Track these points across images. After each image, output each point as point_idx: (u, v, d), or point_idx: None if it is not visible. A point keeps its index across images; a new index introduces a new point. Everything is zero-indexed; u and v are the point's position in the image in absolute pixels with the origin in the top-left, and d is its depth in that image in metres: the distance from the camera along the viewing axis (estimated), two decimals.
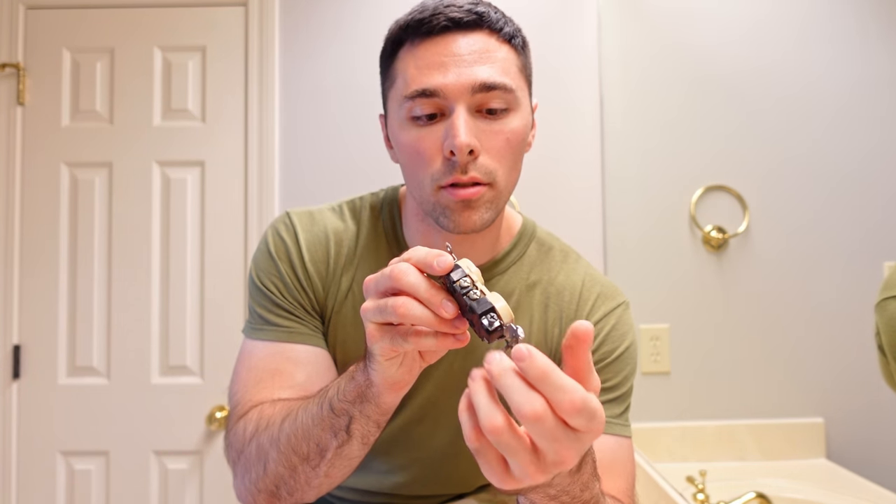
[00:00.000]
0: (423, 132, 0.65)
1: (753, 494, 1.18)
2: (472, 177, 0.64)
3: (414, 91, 0.65)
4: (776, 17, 1.25)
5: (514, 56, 0.68)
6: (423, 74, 0.64)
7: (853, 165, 1.06)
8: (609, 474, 0.71)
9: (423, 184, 0.67)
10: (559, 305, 0.77)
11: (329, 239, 0.77)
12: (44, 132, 1.76)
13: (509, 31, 0.68)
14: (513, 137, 0.66)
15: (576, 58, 1.76)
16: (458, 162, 0.63)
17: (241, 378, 0.74)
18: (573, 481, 0.48)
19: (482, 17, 0.66)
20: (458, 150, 0.62)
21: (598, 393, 0.42)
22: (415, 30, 0.66)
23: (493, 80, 0.64)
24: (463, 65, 0.64)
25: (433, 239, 0.74)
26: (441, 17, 0.65)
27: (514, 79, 0.67)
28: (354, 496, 0.86)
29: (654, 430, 1.46)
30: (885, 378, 0.89)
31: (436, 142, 0.65)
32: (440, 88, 0.64)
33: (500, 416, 0.39)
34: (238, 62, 1.78)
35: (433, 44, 0.65)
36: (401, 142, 0.68)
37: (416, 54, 0.66)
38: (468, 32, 0.66)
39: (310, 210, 0.80)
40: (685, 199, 1.44)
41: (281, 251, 0.76)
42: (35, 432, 1.73)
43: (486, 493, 0.91)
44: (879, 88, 1.00)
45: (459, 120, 0.63)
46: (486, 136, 0.65)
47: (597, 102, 1.75)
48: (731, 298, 1.35)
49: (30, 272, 1.75)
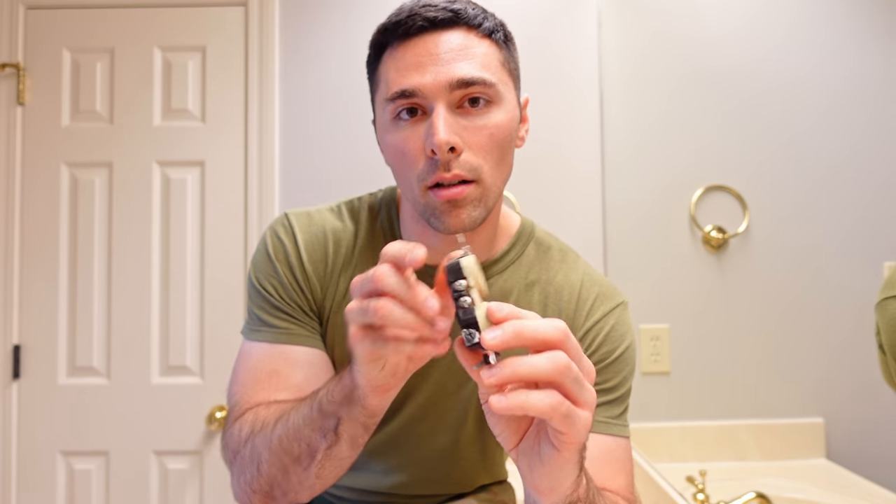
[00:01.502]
0: (407, 133, 0.66)
1: (753, 494, 1.18)
2: (455, 174, 0.64)
3: (394, 93, 0.65)
4: (778, 15, 1.25)
5: (496, 50, 0.68)
6: (402, 76, 0.65)
7: (853, 165, 1.06)
8: (609, 472, 0.71)
9: (411, 184, 0.67)
10: (558, 305, 0.77)
11: (327, 239, 0.77)
12: (44, 132, 1.76)
13: (489, 25, 0.68)
14: (496, 132, 0.66)
15: (576, 56, 1.76)
16: (440, 160, 0.63)
17: (239, 379, 0.74)
18: (577, 486, 0.50)
19: (458, 15, 0.66)
20: (438, 147, 0.62)
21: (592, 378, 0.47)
22: (393, 32, 0.67)
23: (472, 75, 0.64)
24: (440, 63, 0.64)
25: (429, 239, 0.74)
26: (417, 18, 0.66)
27: (495, 73, 0.67)
28: (354, 496, 0.86)
29: (654, 430, 1.46)
30: (886, 377, 0.89)
31: (419, 142, 0.65)
32: (418, 88, 0.64)
33: (545, 359, 0.43)
34: (238, 62, 1.78)
35: (412, 45, 0.66)
36: (387, 144, 0.69)
37: (395, 56, 0.67)
38: (445, 31, 0.66)
39: (308, 211, 0.80)
40: (685, 199, 1.43)
41: (279, 253, 0.76)
42: (35, 432, 1.73)
43: (485, 493, 0.91)
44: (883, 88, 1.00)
45: (438, 118, 0.63)
46: (469, 131, 0.65)
47: (597, 101, 1.75)
48: (731, 298, 1.35)
49: (30, 272, 1.75)
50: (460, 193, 0.64)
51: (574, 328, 0.76)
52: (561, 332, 0.44)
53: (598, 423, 0.73)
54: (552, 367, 0.43)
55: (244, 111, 1.77)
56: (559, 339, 0.44)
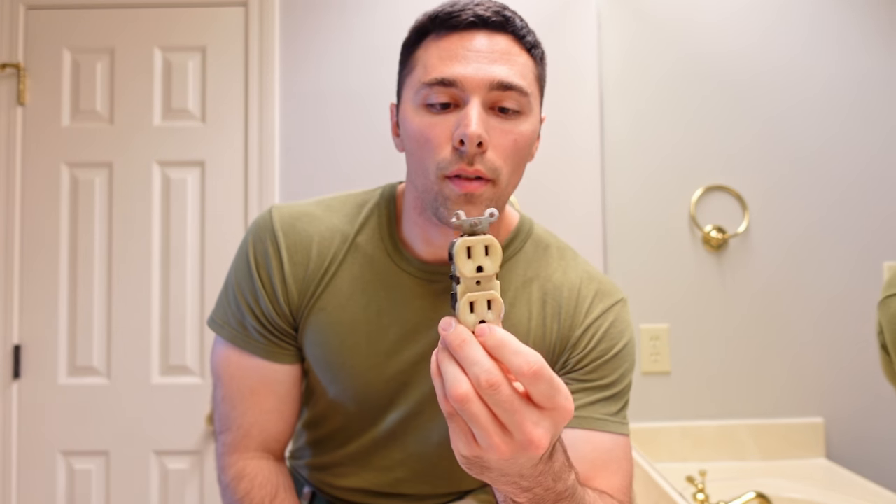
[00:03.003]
0: (436, 119, 0.66)
1: (753, 494, 1.18)
2: (476, 170, 0.65)
3: (433, 79, 0.66)
4: (778, 17, 1.25)
5: (533, 65, 0.70)
6: (445, 64, 0.66)
7: (853, 165, 1.06)
8: (605, 472, 0.71)
9: (427, 171, 0.67)
10: (557, 302, 0.77)
11: (312, 240, 0.77)
12: (44, 132, 1.76)
13: (531, 40, 0.70)
14: (520, 140, 0.67)
15: (576, 56, 1.76)
16: (466, 152, 0.64)
17: (224, 387, 0.81)
18: (545, 471, 0.48)
19: (508, 21, 0.68)
20: (469, 139, 0.63)
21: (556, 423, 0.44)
22: (443, 21, 0.68)
23: (511, 80, 0.66)
24: (483, 61, 0.66)
25: (430, 233, 0.74)
26: (469, 13, 0.67)
27: (530, 85, 0.69)
28: (354, 496, 0.86)
29: (654, 430, 1.46)
30: (887, 376, 0.89)
31: (446, 130, 0.66)
32: (459, 79, 0.65)
33: (465, 385, 0.41)
34: (238, 62, 1.78)
35: (458, 37, 0.67)
36: (411, 127, 0.69)
37: (439, 45, 0.68)
38: (493, 33, 0.68)
39: (293, 209, 0.80)
40: (685, 199, 1.44)
41: (261, 266, 0.77)
42: (35, 432, 1.73)
43: (485, 493, 0.91)
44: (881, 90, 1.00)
45: (473, 111, 0.64)
46: (496, 133, 0.66)
47: (596, 101, 1.75)
48: (731, 298, 1.35)
49: (30, 272, 1.75)
50: (478, 189, 0.65)
51: (573, 326, 0.76)
52: (533, 369, 0.41)
53: (595, 420, 0.73)
54: (484, 379, 0.40)
55: (244, 111, 1.77)
56: (528, 374, 0.41)
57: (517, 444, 0.42)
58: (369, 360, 0.77)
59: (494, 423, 0.42)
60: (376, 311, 0.76)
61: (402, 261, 0.77)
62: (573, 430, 0.72)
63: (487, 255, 0.44)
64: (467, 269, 0.44)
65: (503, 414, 0.41)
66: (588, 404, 0.73)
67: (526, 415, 0.41)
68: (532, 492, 0.49)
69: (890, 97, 0.98)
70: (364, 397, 0.79)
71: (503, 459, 0.43)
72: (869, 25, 1.05)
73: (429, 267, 0.76)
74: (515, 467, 0.45)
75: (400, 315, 0.76)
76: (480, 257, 0.44)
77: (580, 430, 0.72)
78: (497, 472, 0.46)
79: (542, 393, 0.41)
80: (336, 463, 0.86)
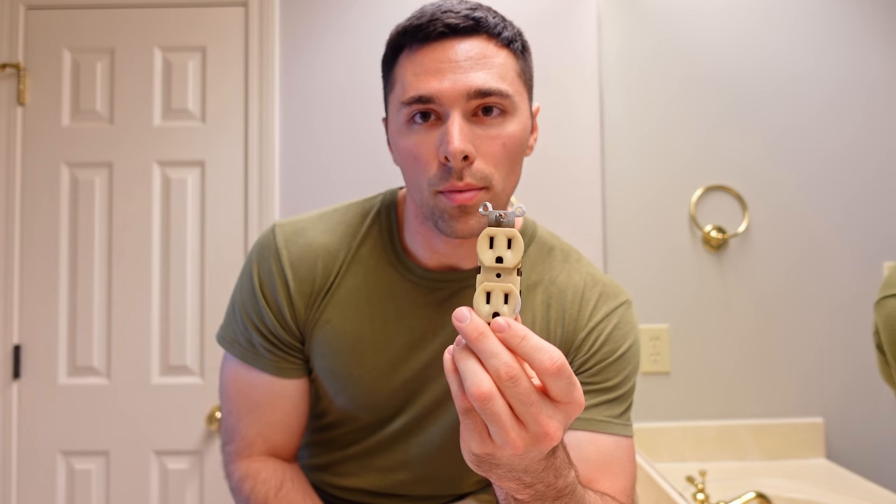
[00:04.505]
0: (421, 137, 0.66)
1: (753, 494, 1.18)
2: (467, 183, 0.64)
3: (410, 97, 0.65)
4: (778, 16, 1.25)
5: (513, 60, 0.68)
6: (420, 80, 0.65)
7: (853, 165, 1.06)
8: (608, 473, 0.71)
9: (420, 188, 0.67)
10: (561, 305, 0.77)
11: (317, 255, 0.77)
12: (44, 132, 1.76)
13: (508, 35, 0.68)
14: (509, 142, 0.66)
15: (575, 57, 1.76)
16: (453, 167, 0.63)
17: (231, 400, 0.81)
18: (547, 467, 0.48)
19: (479, 23, 0.66)
20: (452, 156, 0.62)
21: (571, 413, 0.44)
22: (412, 35, 0.67)
23: (489, 85, 0.64)
24: (459, 71, 0.64)
25: (433, 241, 0.74)
26: (438, 24, 0.65)
27: (512, 83, 0.67)
28: (354, 496, 0.86)
29: (654, 430, 1.46)
30: (884, 377, 0.89)
31: (432, 147, 0.65)
32: (435, 95, 0.64)
33: (486, 383, 0.40)
34: (238, 62, 1.78)
35: (430, 50, 0.66)
36: (400, 146, 0.69)
37: (413, 60, 0.67)
38: (465, 38, 0.66)
39: (297, 225, 0.80)
40: (685, 199, 1.44)
41: (266, 286, 0.77)
42: (35, 432, 1.73)
43: (485, 493, 0.91)
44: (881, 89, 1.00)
45: (454, 126, 0.63)
46: (482, 140, 0.65)
47: (596, 102, 1.75)
48: (731, 298, 1.35)
49: (30, 272, 1.75)
50: (471, 199, 0.65)
51: (577, 328, 0.76)
52: (557, 365, 0.41)
53: (599, 422, 0.73)
54: (504, 371, 0.40)
55: (244, 111, 1.77)
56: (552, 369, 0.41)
57: (532, 438, 0.42)
58: (376, 370, 0.77)
59: (512, 419, 0.41)
60: (381, 321, 0.76)
61: (405, 270, 0.77)
62: (577, 432, 0.72)
63: (510, 248, 0.44)
64: (486, 258, 0.44)
65: (520, 406, 0.41)
66: (592, 406, 0.73)
67: (542, 408, 0.41)
68: (534, 488, 0.49)
69: (890, 99, 0.98)
70: (371, 406, 0.79)
71: (516, 455, 0.43)
72: (867, 28, 1.05)
73: (432, 275, 0.76)
74: (524, 462, 0.45)
75: (405, 324, 0.76)
76: (502, 248, 0.44)
77: (584, 431, 0.72)
78: (505, 468, 0.46)
79: (562, 388, 0.41)
80: (336, 463, 0.86)
